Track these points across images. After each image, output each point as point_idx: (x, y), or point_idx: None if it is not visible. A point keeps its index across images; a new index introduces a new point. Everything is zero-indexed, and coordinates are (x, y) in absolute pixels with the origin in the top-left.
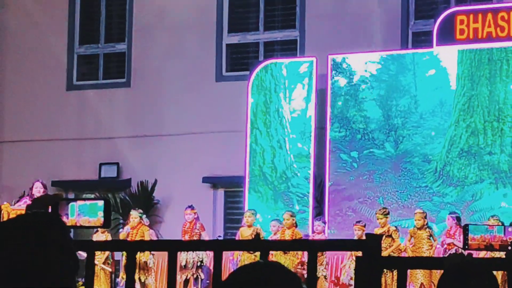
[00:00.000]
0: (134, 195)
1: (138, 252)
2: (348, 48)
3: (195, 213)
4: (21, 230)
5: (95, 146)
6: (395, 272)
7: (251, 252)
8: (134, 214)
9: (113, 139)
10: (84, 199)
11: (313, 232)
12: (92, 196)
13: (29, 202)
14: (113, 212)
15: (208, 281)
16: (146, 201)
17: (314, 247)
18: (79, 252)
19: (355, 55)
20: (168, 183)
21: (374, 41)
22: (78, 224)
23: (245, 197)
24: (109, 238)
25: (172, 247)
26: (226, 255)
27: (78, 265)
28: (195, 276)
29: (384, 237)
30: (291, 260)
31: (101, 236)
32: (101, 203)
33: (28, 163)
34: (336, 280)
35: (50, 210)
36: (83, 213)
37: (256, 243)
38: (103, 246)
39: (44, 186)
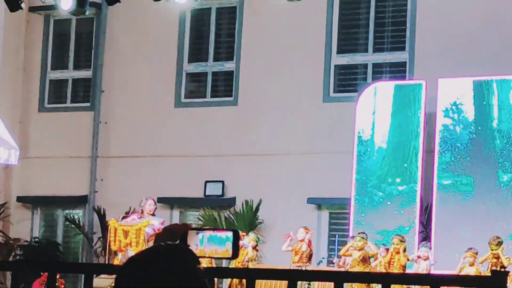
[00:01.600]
0: (238, 213)
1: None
2: (459, 72)
3: (307, 233)
4: (161, 262)
5: (201, 163)
6: None
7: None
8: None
9: (219, 157)
10: (213, 229)
11: (418, 257)
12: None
13: (137, 218)
14: None
15: None
16: (250, 220)
17: (436, 282)
18: None
19: (465, 78)
20: (273, 203)
21: (485, 65)
22: (206, 254)
23: (350, 220)
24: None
25: (292, 276)
26: None
27: None
28: None
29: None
30: None
31: None
32: (230, 234)
33: (135, 179)
34: None
35: (179, 239)
36: (212, 243)
37: (378, 276)
38: (226, 273)
39: (155, 203)
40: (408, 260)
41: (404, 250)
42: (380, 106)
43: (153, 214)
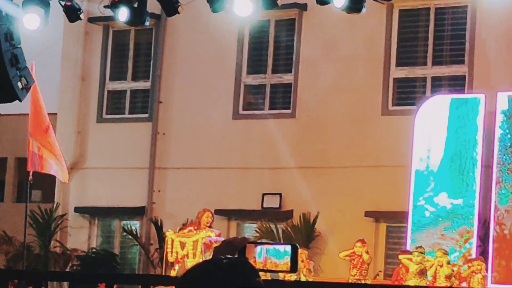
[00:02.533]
0: (296, 226)
1: None
2: None
3: (365, 246)
4: (220, 275)
5: (258, 176)
6: None
7: None
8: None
9: (276, 169)
10: (272, 243)
11: (472, 271)
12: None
13: (194, 230)
14: None
15: None
16: (307, 233)
17: None
18: None
19: None
20: (330, 216)
21: None
22: (265, 268)
23: (408, 233)
24: None
25: None
26: None
27: None
28: None
29: None
30: None
31: None
32: (288, 248)
33: (192, 190)
34: None
35: (237, 253)
36: (271, 257)
37: None
38: (283, 286)
39: (212, 215)
40: (452, 271)
41: (448, 263)
42: (438, 119)
43: (210, 226)
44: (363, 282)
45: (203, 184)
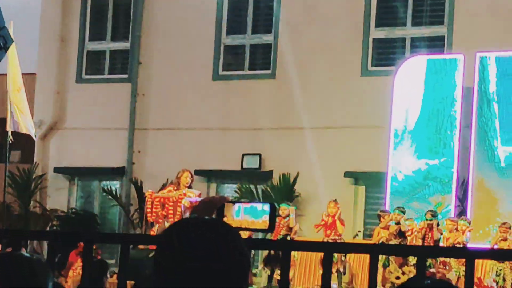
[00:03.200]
0: (275, 187)
1: None
2: (499, 46)
3: (338, 208)
4: (200, 233)
5: (238, 136)
6: None
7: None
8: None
9: (256, 130)
10: (250, 202)
11: (456, 230)
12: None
13: (174, 190)
14: None
15: None
16: (287, 193)
17: (472, 256)
18: None
19: (505, 53)
20: (310, 177)
21: None
22: (242, 226)
23: (387, 194)
24: None
25: (327, 248)
26: None
27: (249, 262)
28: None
29: None
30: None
31: None
32: (266, 206)
33: (172, 151)
34: (478, 282)
35: (216, 211)
36: (249, 215)
37: (414, 249)
38: (264, 245)
39: (192, 176)
40: (441, 234)
41: (438, 225)
42: (417, 80)
43: (189, 187)
44: (339, 241)
45: (183, 145)
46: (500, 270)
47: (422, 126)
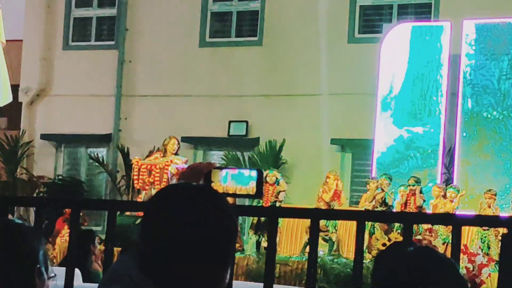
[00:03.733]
0: (262, 154)
1: None
2: (485, 14)
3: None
4: (188, 199)
5: (225, 103)
6: None
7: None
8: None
9: (243, 97)
10: (237, 168)
11: (444, 197)
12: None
13: (160, 157)
14: None
15: None
16: (274, 160)
17: (458, 223)
18: None
19: (492, 20)
20: (296, 144)
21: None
22: (230, 192)
23: (373, 161)
24: None
25: (314, 215)
26: None
27: (237, 228)
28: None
29: None
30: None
31: None
32: (254, 173)
33: (159, 118)
34: (464, 249)
35: (203, 178)
36: (236, 181)
37: (400, 215)
38: (251, 211)
39: (178, 143)
40: (424, 201)
41: (420, 192)
42: (403, 47)
43: (176, 154)
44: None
45: (169, 112)
46: (485, 237)
47: (407, 91)
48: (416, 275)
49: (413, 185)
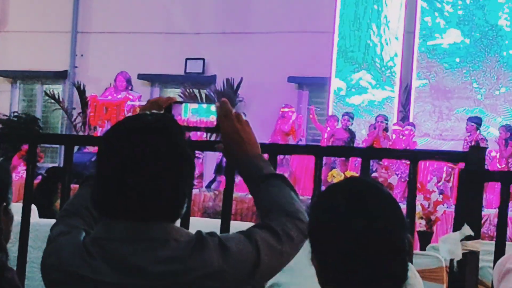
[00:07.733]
0: (219, 91)
1: None
2: None
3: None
4: (145, 131)
5: (181, 40)
6: None
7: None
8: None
9: (199, 34)
10: (198, 103)
11: (402, 134)
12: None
13: (114, 94)
14: None
15: None
16: (230, 98)
17: (416, 157)
18: None
19: None
20: (253, 81)
21: None
22: (190, 125)
23: (329, 99)
24: None
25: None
26: None
27: (192, 165)
28: None
29: None
30: None
31: None
32: (213, 107)
33: (115, 55)
34: (420, 186)
35: (163, 111)
36: (196, 116)
37: (359, 150)
38: (206, 147)
39: (125, 79)
40: (389, 140)
41: (386, 130)
42: None
43: (130, 89)
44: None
45: (126, 49)
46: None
47: (367, 30)
48: (353, 200)
49: (381, 122)
